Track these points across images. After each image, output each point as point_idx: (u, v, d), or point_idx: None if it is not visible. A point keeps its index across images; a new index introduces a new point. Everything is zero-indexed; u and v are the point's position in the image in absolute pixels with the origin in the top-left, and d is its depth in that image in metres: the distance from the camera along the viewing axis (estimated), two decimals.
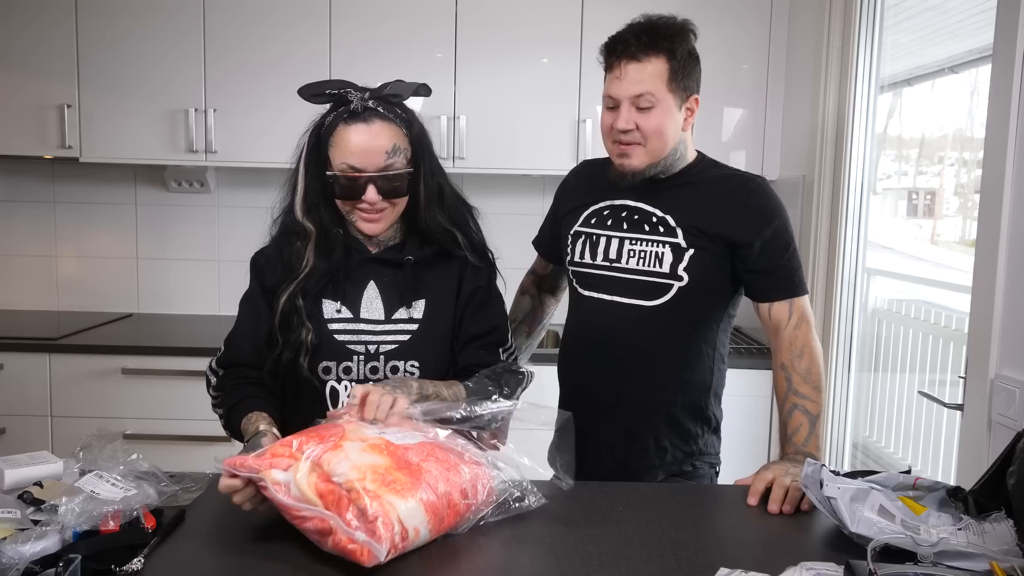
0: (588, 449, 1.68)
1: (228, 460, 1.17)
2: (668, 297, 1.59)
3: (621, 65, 1.54)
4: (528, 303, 1.93)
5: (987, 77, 1.59)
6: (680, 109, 1.56)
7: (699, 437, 1.67)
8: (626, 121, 1.54)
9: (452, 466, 1.20)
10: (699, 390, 1.66)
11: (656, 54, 1.52)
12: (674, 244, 1.58)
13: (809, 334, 1.57)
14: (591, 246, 1.67)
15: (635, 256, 1.61)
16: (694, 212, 1.59)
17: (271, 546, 1.16)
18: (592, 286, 1.66)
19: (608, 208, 1.67)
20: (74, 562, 0.98)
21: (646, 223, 1.62)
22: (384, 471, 1.13)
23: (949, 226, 2.47)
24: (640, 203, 1.64)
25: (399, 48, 2.82)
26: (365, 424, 1.24)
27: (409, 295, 1.49)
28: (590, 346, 1.67)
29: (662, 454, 1.65)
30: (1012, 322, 1.52)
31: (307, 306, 1.46)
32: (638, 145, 1.56)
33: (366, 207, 1.44)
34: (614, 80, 1.55)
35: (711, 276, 1.59)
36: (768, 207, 1.59)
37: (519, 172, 2.96)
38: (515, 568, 1.13)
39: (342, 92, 1.45)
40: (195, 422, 2.67)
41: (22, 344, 2.67)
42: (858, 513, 1.15)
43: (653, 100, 1.52)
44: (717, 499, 1.41)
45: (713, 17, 2.73)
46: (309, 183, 1.47)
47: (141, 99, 2.83)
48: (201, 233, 3.25)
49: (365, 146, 1.41)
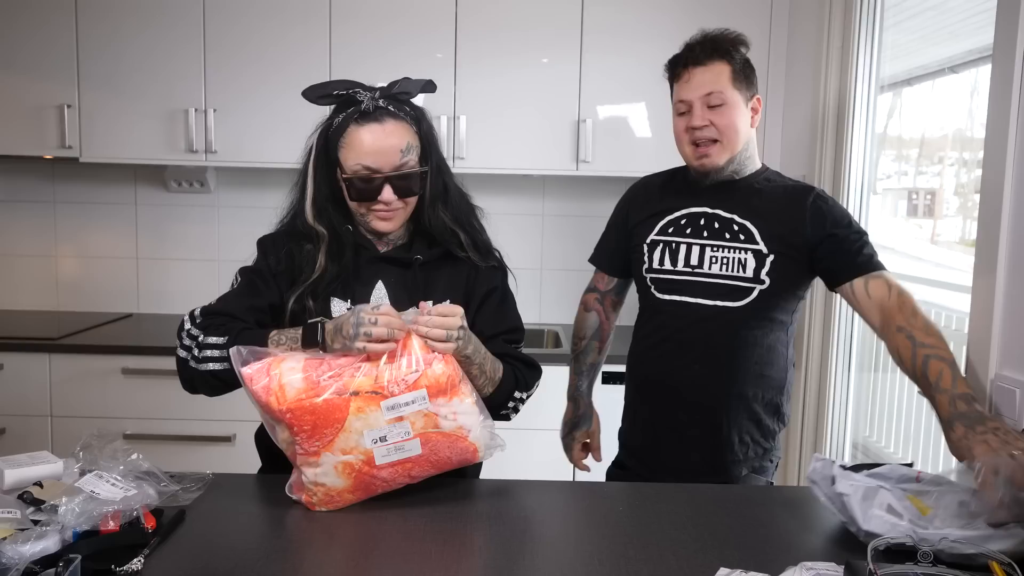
0: (672, 445, 1.73)
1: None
2: (750, 299, 1.66)
3: (688, 71, 1.66)
4: (595, 319, 1.95)
5: (987, 77, 1.59)
6: (747, 106, 1.68)
7: (776, 434, 1.74)
8: (700, 118, 1.64)
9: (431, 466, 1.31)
10: (776, 387, 1.72)
11: (719, 59, 1.66)
12: (756, 251, 1.66)
13: (912, 298, 1.55)
14: (671, 253, 1.72)
15: (717, 262, 1.68)
16: (768, 216, 1.67)
17: (271, 546, 1.16)
18: (671, 290, 1.72)
19: (685, 217, 1.73)
20: (74, 562, 0.98)
21: (727, 231, 1.68)
22: (336, 493, 1.28)
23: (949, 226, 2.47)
24: (718, 210, 1.70)
25: (399, 48, 2.82)
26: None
27: (418, 295, 1.47)
28: (673, 347, 1.72)
29: (745, 449, 1.70)
30: (1012, 322, 1.52)
31: (317, 307, 1.45)
32: (715, 142, 1.65)
33: (381, 207, 1.44)
34: (683, 85, 1.67)
35: (791, 279, 1.67)
36: (831, 205, 1.68)
37: (519, 172, 2.96)
38: (515, 568, 1.12)
39: (351, 92, 1.43)
40: (195, 422, 2.67)
41: (22, 344, 2.67)
42: (869, 511, 1.15)
43: (722, 97, 1.64)
44: (717, 499, 1.41)
45: (713, 17, 2.71)
46: (318, 185, 1.46)
47: (141, 99, 2.83)
48: (201, 233, 3.26)
49: (380, 146, 1.40)
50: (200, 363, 1.35)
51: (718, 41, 1.68)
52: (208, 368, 1.35)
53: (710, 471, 1.68)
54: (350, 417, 1.23)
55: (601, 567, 1.11)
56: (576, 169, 2.87)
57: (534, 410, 2.01)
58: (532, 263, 3.29)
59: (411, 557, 1.13)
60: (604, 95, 2.85)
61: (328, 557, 1.13)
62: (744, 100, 1.66)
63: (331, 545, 1.18)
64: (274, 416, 1.26)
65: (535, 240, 3.28)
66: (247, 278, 1.47)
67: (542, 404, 2.02)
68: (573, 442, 1.97)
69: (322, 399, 1.23)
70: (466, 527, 1.24)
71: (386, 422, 1.24)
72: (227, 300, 1.44)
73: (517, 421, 1.55)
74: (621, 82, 2.83)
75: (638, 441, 1.82)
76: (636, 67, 2.81)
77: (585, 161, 2.85)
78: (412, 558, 1.12)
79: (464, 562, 1.13)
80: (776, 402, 1.73)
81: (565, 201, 3.27)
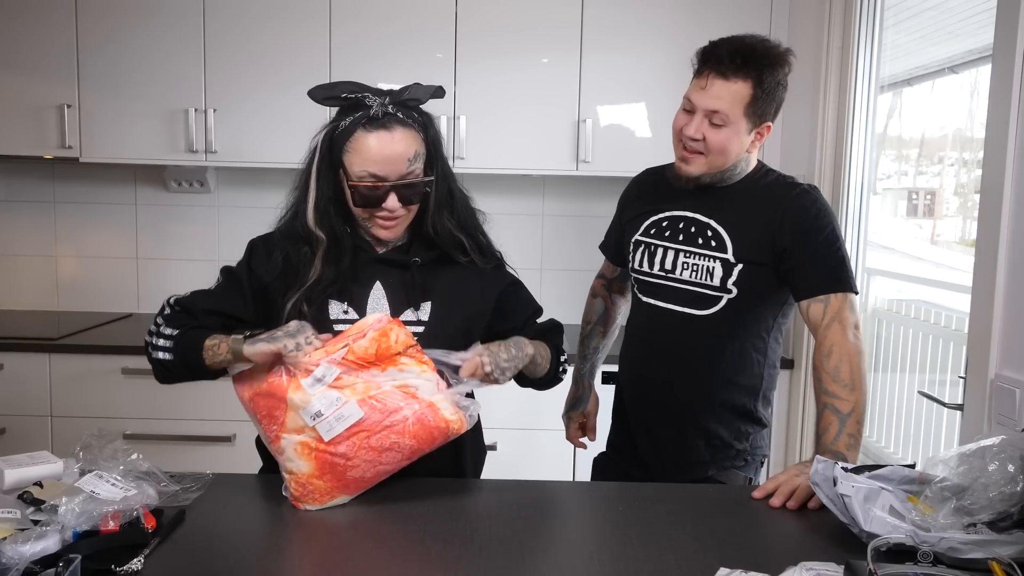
0: (644, 442, 1.77)
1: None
2: (718, 308, 1.65)
3: (709, 78, 1.58)
4: (600, 305, 2.00)
5: (987, 77, 1.59)
6: (750, 133, 1.62)
7: (749, 436, 1.73)
8: (696, 130, 1.60)
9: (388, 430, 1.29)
10: (747, 393, 1.71)
11: (744, 77, 1.56)
12: (724, 259, 1.64)
13: (840, 333, 1.54)
14: (649, 255, 1.73)
15: (688, 269, 1.67)
16: (745, 222, 1.64)
17: (271, 546, 1.16)
18: (650, 293, 1.74)
19: (667, 219, 1.73)
20: (74, 562, 0.98)
21: (700, 236, 1.67)
22: (305, 480, 1.28)
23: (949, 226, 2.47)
24: (697, 214, 1.69)
25: (399, 48, 2.82)
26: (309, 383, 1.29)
27: (416, 297, 1.47)
28: (648, 348, 1.76)
29: (713, 451, 1.71)
30: (1012, 322, 1.52)
31: (313, 311, 1.44)
32: (700, 155, 1.63)
33: (385, 215, 1.43)
34: (698, 88, 1.61)
35: (760, 288, 1.65)
36: (810, 208, 1.62)
37: (519, 172, 2.96)
38: (515, 568, 1.12)
39: (359, 96, 1.41)
40: (195, 422, 2.67)
41: (22, 344, 2.67)
42: (871, 512, 1.16)
43: (726, 120, 1.58)
44: (717, 499, 1.41)
45: (713, 17, 2.73)
46: (321, 188, 1.45)
47: (141, 99, 2.82)
48: (201, 233, 3.25)
49: (388, 154, 1.39)
50: (154, 350, 1.43)
51: (755, 54, 1.57)
52: (158, 356, 1.42)
53: (676, 469, 1.70)
54: (289, 394, 1.27)
55: (601, 567, 1.11)
56: (576, 169, 2.87)
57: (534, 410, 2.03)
58: (532, 263, 3.28)
59: (411, 557, 1.13)
60: (604, 95, 2.85)
61: (328, 557, 1.14)
62: (749, 127, 1.60)
63: (331, 545, 1.18)
64: (247, 409, 1.33)
65: (535, 240, 3.28)
66: (223, 282, 1.52)
67: (542, 405, 2.03)
68: (570, 421, 2.03)
69: (267, 381, 1.29)
70: (466, 527, 1.24)
71: (313, 397, 1.27)
72: (196, 297, 1.49)
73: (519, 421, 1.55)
74: (621, 82, 2.83)
75: (617, 433, 1.88)
76: (636, 67, 2.80)
77: (585, 161, 2.84)
78: (412, 558, 1.12)
79: (464, 562, 1.13)
80: (748, 407, 1.71)
81: (565, 201, 3.27)
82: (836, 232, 1.62)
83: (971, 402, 1.64)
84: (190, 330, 1.42)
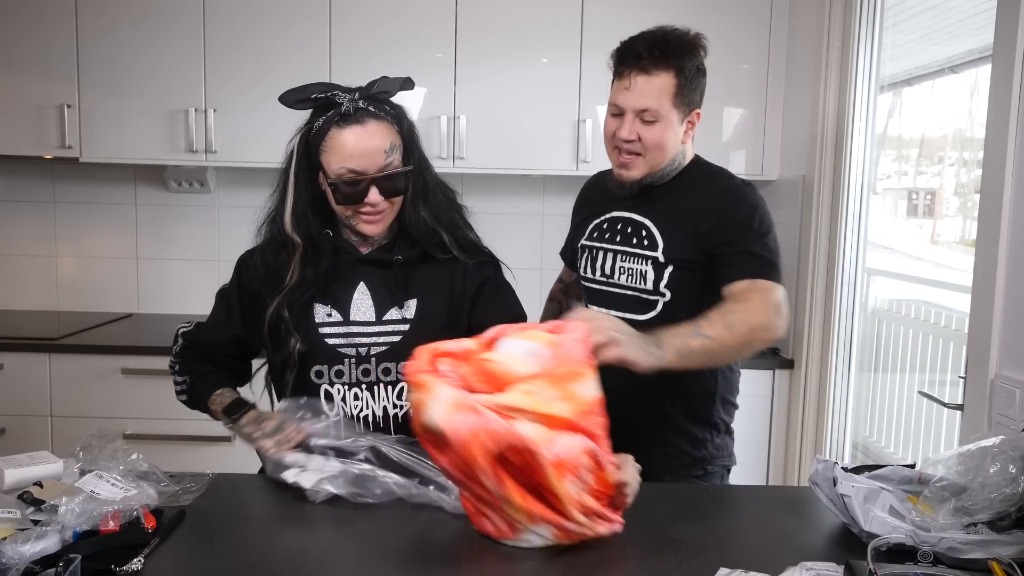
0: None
1: None
2: (656, 312, 1.63)
3: (631, 76, 1.57)
4: (556, 308, 1.99)
5: (987, 77, 1.59)
6: (682, 123, 1.61)
7: (708, 442, 1.69)
8: (629, 131, 1.58)
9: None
10: (703, 398, 1.67)
11: (666, 69, 1.55)
12: (654, 259, 1.61)
13: (761, 302, 1.43)
14: (591, 260, 1.72)
15: (624, 272, 1.66)
16: (675, 215, 1.62)
17: (271, 546, 1.16)
18: (595, 300, 1.73)
19: (607, 221, 1.72)
20: (74, 562, 0.98)
21: (635, 236, 1.65)
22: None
23: (949, 226, 2.47)
24: (633, 214, 1.67)
25: (399, 48, 2.82)
26: None
27: (400, 295, 1.47)
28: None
29: (670, 460, 1.67)
30: (1012, 322, 1.52)
31: (295, 315, 1.44)
32: (638, 156, 1.61)
33: (368, 209, 1.42)
34: (622, 89, 1.59)
35: (695, 288, 1.60)
36: (739, 196, 1.59)
37: (519, 172, 2.96)
38: (515, 568, 1.12)
39: (329, 95, 1.41)
40: (195, 422, 2.65)
41: (22, 344, 2.67)
42: (871, 512, 1.16)
43: (657, 115, 1.56)
44: (717, 499, 1.41)
45: (713, 17, 2.73)
46: (299, 191, 1.45)
47: (141, 99, 2.82)
48: (201, 233, 3.25)
49: (363, 148, 1.39)
50: (175, 385, 1.56)
51: (671, 45, 1.57)
52: (178, 394, 1.56)
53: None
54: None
55: (601, 567, 1.11)
56: (576, 169, 2.86)
57: None
58: (532, 263, 3.27)
59: (411, 557, 1.13)
60: (604, 95, 2.82)
61: (328, 557, 1.13)
62: (680, 117, 1.59)
63: (331, 545, 1.18)
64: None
65: (535, 240, 3.27)
66: (217, 306, 1.56)
67: None
68: None
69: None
70: (466, 527, 1.24)
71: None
72: (200, 332, 1.55)
73: None
74: None
75: None
76: None
77: (585, 161, 2.84)
78: (412, 558, 1.12)
79: (464, 562, 1.13)
80: (703, 413, 1.67)
81: (565, 201, 3.24)
82: (763, 218, 1.56)
83: (971, 402, 1.64)
84: (198, 378, 1.52)
